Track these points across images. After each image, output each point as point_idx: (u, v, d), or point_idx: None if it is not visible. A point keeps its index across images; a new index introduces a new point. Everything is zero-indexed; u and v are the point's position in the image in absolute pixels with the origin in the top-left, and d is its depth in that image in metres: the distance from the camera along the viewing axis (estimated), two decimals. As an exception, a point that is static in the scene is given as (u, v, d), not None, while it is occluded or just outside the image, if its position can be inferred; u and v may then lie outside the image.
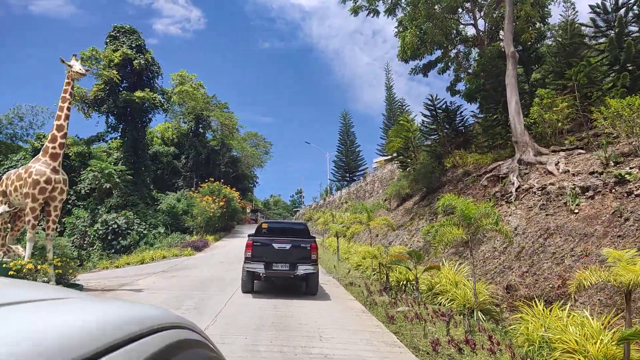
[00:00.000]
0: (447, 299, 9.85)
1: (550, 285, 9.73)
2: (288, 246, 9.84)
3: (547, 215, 12.43)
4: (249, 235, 10.57)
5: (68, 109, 10.12)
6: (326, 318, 7.73)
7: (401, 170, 27.64)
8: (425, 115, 23.55)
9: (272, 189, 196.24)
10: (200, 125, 42.12)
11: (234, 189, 35.94)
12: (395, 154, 27.74)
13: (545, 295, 9.43)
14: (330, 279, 13.32)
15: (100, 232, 23.82)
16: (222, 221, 34.68)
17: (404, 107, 38.44)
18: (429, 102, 23.28)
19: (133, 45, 32.29)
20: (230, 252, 21.75)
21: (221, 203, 29.54)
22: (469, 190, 17.59)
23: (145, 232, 25.50)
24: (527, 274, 10.86)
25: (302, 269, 9.69)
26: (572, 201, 11.60)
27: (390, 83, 43.49)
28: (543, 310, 7.31)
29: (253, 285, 10.45)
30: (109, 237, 23.84)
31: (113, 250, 23.73)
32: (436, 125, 22.60)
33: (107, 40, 32.92)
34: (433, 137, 23.90)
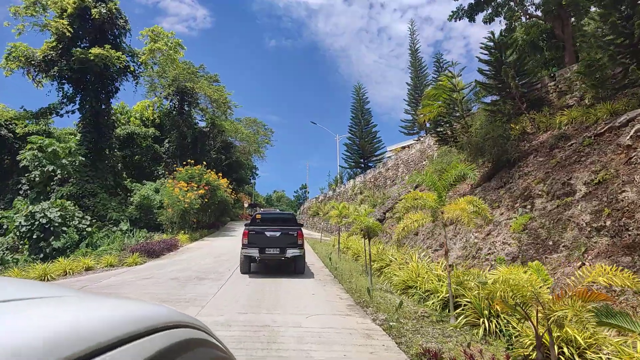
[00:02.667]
0: None
1: None
2: (278, 234, 11.04)
3: None
4: (245, 225, 11.63)
5: None
6: None
7: (440, 145, 20.52)
8: (484, 62, 16.38)
9: (276, 187, 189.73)
10: (185, 102, 35.03)
11: (221, 176, 28.81)
12: (427, 128, 20.67)
13: None
14: (373, 329, 6.22)
15: (24, 228, 16.87)
16: (210, 216, 27.74)
17: (441, 64, 30.78)
18: (490, 44, 16.18)
19: (92, -9, 25.25)
20: (203, 258, 14.74)
21: (201, 191, 22.48)
22: (589, 157, 10.42)
23: (88, 229, 18.52)
24: None
25: (291, 252, 10.94)
26: None
27: (416, 45, 35.76)
28: None
29: (250, 267, 11.55)
30: (35, 236, 16.89)
31: (42, 255, 16.80)
32: (503, 73, 15.39)
33: (61, -13, 25.87)
34: (495, 90, 16.68)
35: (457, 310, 6.65)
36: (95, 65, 24.57)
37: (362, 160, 38.45)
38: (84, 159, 23.51)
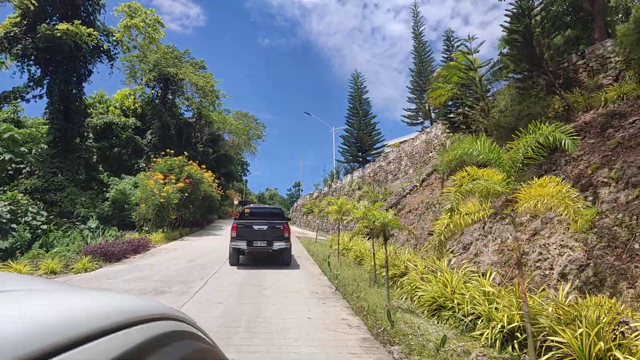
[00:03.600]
0: None
1: None
2: (265, 227, 11.25)
3: None
4: (234, 218, 12.63)
5: None
6: None
7: (450, 133, 18.13)
8: (510, 31, 13.98)
9: (269, 186, 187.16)
10: (169, 90, 32.27)
11: (206, 169, 26.14)
12: (432, 118, 18.21)
13: None
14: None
15: (-37, 226, 14.15)
16: (194, 213, 25.04)
17: (451, 41, 27.92)
18: (516, 9, 13.90)
19: (59, -40, 22.48)
20: (174, 263, 12.13)
21: (180, 185, 19.83)
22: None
23: (43, 226, 15.84)
24: None
25: (277, 245, 11.21)
26: None
27: (419, 29, 33.06)
28: None
29: (239, 259, 11.66)
30: (-24, 235, 14.19)
31: (-15, 257, 14.10)
32: (535, 41, 12.97)
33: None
34: (524, 63, 14.24)
35: (544, 358, 4.14)
36: (64, 44, 21.79)
37: (360, 153, 35.87)
38: (46, 146, 20.75)
